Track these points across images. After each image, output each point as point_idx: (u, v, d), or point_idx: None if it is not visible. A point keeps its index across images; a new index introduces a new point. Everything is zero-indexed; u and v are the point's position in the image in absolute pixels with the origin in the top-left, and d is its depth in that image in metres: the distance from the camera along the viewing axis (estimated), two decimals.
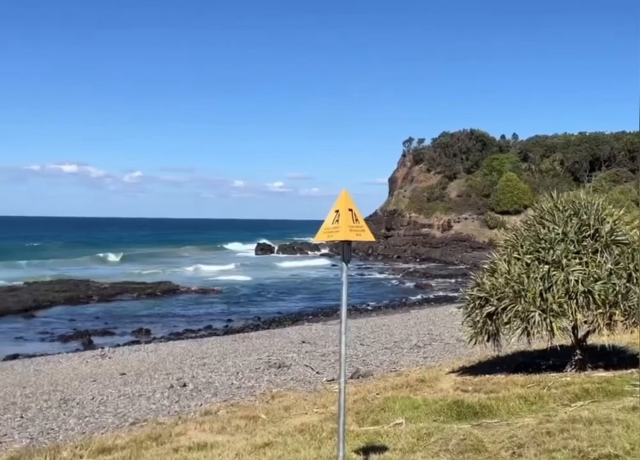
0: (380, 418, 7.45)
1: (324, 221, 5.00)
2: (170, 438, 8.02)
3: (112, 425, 10.56)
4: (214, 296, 38.11)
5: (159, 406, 11.79)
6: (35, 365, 16.99)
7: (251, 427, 8.17)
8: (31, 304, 32.12)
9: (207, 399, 12.11)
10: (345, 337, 5.05)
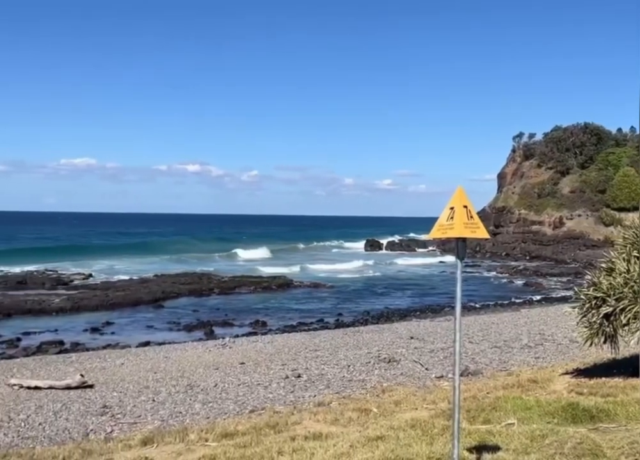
0: (491, 417, 7.30)
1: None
2: (287, 427, 8.18)
3: (233, 412, 10.89)
4: (325, 291, 38.46)
5: (275, 395, 12.05)
6: (164, 352, 17.76)
7: (363, 419, 8.21)
8: (160, 295, 33.62)
9: (320, 390, 12.27)
10: (460, 335, 4.97)
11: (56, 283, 39.02)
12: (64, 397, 12.30)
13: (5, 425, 10.51)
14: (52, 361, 16.97)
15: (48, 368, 15.52)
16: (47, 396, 12.35)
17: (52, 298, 31.55)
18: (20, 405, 11.77)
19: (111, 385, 13.35)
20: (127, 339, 23.13)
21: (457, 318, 4.92)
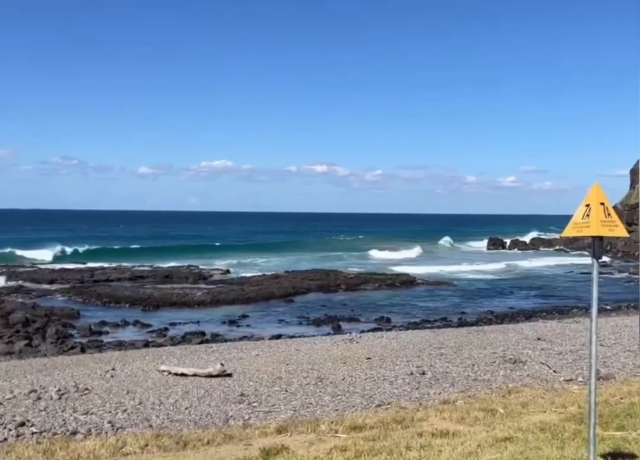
0: (626, 424, 6.94)
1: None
2: (413, 423, 8.17)
3: (360, 405, 10.98)
4: (448, 289, 37.90)
5: (400, 391, 12.02)
6: (295, 345, 18.17)
7: (489, 419, 8.04)
8: (291, 291, 34.47)
9: (445, 388, 12.12)
10: (596, 337, 4.76)
11: (198, 278, 40.95)
12: (206, 384, 12.88)
13: (157, 407, 11.17)
14: (196, 350, 17.81)
15: (192, 356, 16.30)
16: (192, 383, 12.99)
17: (194, 291, 33.14)
18: (169, 390, 12.45)
19: (248, 375, 13.82)
20: (261, 331, 23.92)
21: (593, 320, 4.72)
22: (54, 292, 34.08)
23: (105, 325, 24.66)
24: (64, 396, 11.90)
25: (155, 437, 8.10)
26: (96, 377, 13.72)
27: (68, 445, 7.86)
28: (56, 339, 21.32)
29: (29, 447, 7.85)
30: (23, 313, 25.20)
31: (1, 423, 10.08)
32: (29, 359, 17.74)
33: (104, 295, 31.80)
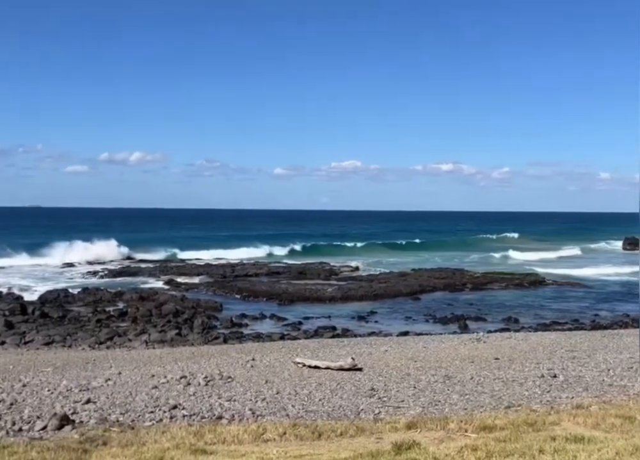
0: None
1: None
2: (544, 426, 7.87)
3: (489, 406, 10.73)
4: (580, 290, 36.05)
5: (530, 393, 11.62)
6: (423, 342, 18.05)
7: (627, 427, 7.61)
8: (417, 289, 34.21)
9: (578, 393, 11.57)
10: None
11: (329, 274, 41.60)
12: (338, 377, 13.10)
13: (293, 397, 11.51)
14: (327, 344, 18.14)
15: (324, 350, 16.62)
16: (325, 376, 13.25)
17: (326, 287, 33.70)
18: (304, 381, 12.79)
19: (377, 370, 13.90)
20: (388, 328, 23.93)
21: None
22: (200, 286, 35.89)
23: (245, 317, 25.66)
24: (210, 383, 12.54)
25: (292, 426, 8.35)
26: (238, 366, 14.34)
27: (215, 429, 8.28)
28: (202, 329, 22.47)
29: (181, 428, 8.36)
30: (174, 305, 26.80)
31: (157, 405, 10.80)
32: (179, 347, 18.84)
33: (244, 289, 33.09)
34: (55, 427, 9.35)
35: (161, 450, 7.05)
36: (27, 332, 21.24)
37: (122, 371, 13.66)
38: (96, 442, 7.90)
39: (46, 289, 31.64)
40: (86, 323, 23.64)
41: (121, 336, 21.13)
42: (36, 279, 37.76)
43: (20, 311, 24.67)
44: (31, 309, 25.10)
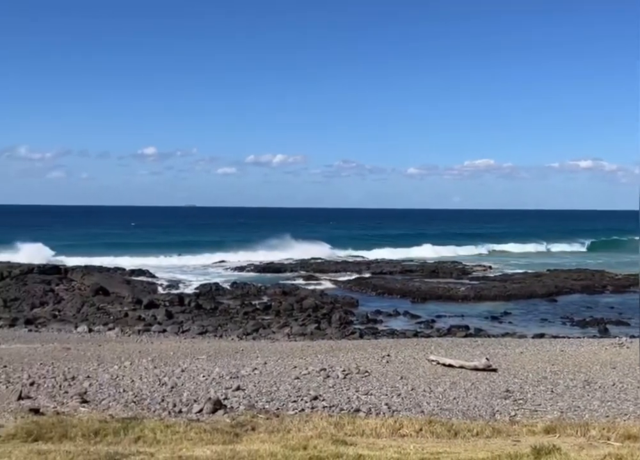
0: None
1: None
2: None
3: (633, 414, 10.06)
4: None
5: None
6: (560, 345, 17.19)
7: None
8: (553, 290, 32.61)
9: None
10: None
11: (461, 273, 40.74)
12: (472, 377, 12.82)
13: (427, 395, 11.43)
14: (461, 343, 17.78)
15: (457, 349, 16.31)
16: (459, 375, 13.03)
17: (458, 286, 33.04)
18: (438, 379, 12.65)
19: (512, 371, 13.45)
20: (523, 329, 23.02)
21: None
22: (338, 282, 36.50)
23: (379, 314, 25.77)
24: (348, 376, 12.74)
25: (428, 423, 8.29)
26: (374, 361, 14.43)
27: (354, 421, 8.41)
28: (339, 324, 22.86)
29: (322, 419, 8.56)
30: (313, 300, 27.48)
31: (299, 395, 11.16)
32: (318, 341, 19.29)
33: (379, 287, 33.24)
34: (209, 410, 9.94)
35: (305, 438, 7.28)
36: (184, 322, 22.69)
37: (267, 362, 14.22)
38: (245, 427, 8.30)
39: (200, 283, 33.62)
40: (235, 315, 24.81)
41: (266, 328, 21.99)
42: (193, 274, 40.15)
43: (178, 302, 26.40)
44: (188, 301, 26.76)
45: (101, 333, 20.45)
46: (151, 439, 6.99)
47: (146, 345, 17.33)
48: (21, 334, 19.49)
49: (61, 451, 6.01)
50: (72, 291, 28.76)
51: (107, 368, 13.23)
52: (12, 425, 7.59)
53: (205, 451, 6.45)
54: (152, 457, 6.05)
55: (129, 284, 31.55)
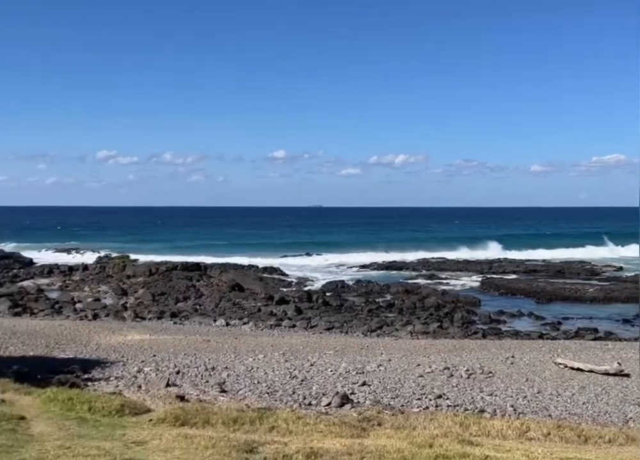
0: None
1: None
2: None
3: None
4: None
5: None
6: None
7: None
8: None
9: None
10: None
11: (589, 274, 38.41)
12: (602, 382, 12.07)
13: (554, 398, 10.90)
14: (589, 346, 16.76)
15: (586, 352, 15.40)
16: (588, 379, 12.31)
17: (586, 287, 31.11)
18: (565, 383, 12.02)
19: None
20: None
21: None
22: (460, 281, 35.67)
23: (502, 314, 24.87)
24: (471, 376, 12.44)
25: (556, 427, 7.92)
26: (498, 362, 13.97)
27: (479, 422, 8.19)
28: (461, 323, 22.32)
29: (447, 418, 8.42)
30: (435, 298, 27.06)
31: (423, 393, 11.05)
32: (440, 339, 18.96)
33: (501, 286, 32.09)
34: (337, 404, 10.10)
35: (431, 436, 7.19)
36: (312, 318, 23.17)
37: (391, 359, 14.19)
38: (372, 422, 8.35)
39: (327, 281, 34.19)
40: (359, 312, 24.97)
41: (389, 326, 21.92)
42: (320, 272, 40.93)
43: (306, 299, 27.02)
44: (315, 298, 27.30)
45: (237, 327, 21.38)
46: (284, 430, 7.21)
47: (277, 339, 17.90)
48: (167, 326, 20.81)
49: (205, 437, 6.36)
50: (210, 287, 30.28)
51: (242, 359, 13.81)
52: (162, 409, 8.13)
53: (335, 444, 6.56)
54: (285, 446, 6.24)
55: (262, 281, 32.71)
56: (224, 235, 77.23)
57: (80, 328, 18.30)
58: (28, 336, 16.10)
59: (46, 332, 17.19)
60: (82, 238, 69.45)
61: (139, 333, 17.88)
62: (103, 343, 15.70)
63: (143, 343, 15.77)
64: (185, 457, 5.61)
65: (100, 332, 17.55)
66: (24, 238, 65.71)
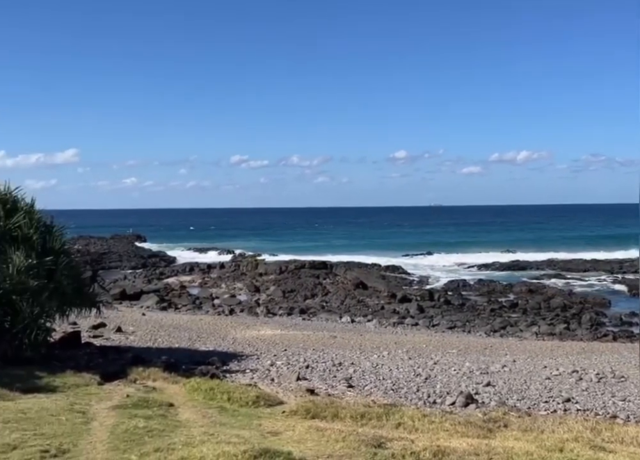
0: None
1: None
2: None
3: None
4: None
5: None
6: None
7: None
8: None
9: None
10: None
11: None
12: None
13: None
14: None
15: None
16: None
17: None
18: None
19: None
20: None
21: None
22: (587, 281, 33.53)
23: (635, 316, 23.03)
24: (602, 380, 11.66)
25: None
26: (631, 367, 12.97)
27: (612, 427, 7.67)
28: (590, 325, 20.97)
29: (577, 422, 7.95)
30: (561, 299, 25.65)
31: (550, 396, 10.51)
32: (567, 341, 17.94)
33: (633, 287, 29.72)
34: (462, 404, 9.87)
35: (560, 440, 6.84)
36: (434, 316, 22.83)
37: (516, 360, 13.65)
38: (498, 423, 8.07)
39: (448, 280, 33.53)
40: (482, 311, 24.23)
41: (513, 326, 21.08)
42: (441, 271, 40.22)
43: (428, 298, 26.66)
44: (437, 296, 26.87)
45: (361, 324, 21.55)
46: (410, 427, 7.18)
47: (400, 337, 17.82)
48: (297, 322, 21.41)
49: (335, 430, 6.49)
50: (336, 284, 30.76)
51: (368, 356, 13.90)
52: (293, 402, 8.40)
53: (461, 443, 6.43)
54: (412, 443, 6.22)
55: (384, 279, 32.72)
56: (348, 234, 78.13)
57: (218, 323, 19.32)
58: (173, 329, 17.23)
59: (188, 325, 18.32)
60: (217, 238, 73.28)
61: (271, 328, 18.56)
62: (238, 337, 16.46)
63: (274, 338, 16.35)
64: (317, 448, 5.75)
65: (236, 327, 18.42)
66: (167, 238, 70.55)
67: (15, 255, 9.68)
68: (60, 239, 11.17)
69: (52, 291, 10.04)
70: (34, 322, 9.59)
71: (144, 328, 17.10)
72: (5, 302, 9.46)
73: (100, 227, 78.17)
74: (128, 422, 6.40)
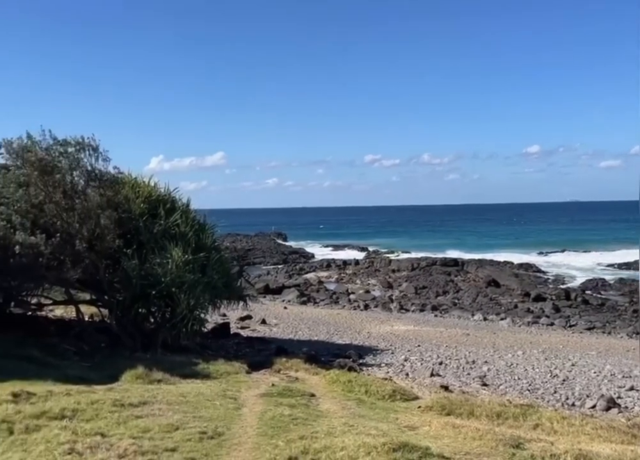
0: None
1: None
2: None
3: None
4: None
5: None
6: None
7: None
8: None
9: None
10: None
11: None
12: None
13: None
14: None
15: None
16: None
17: None
18: None
19: None
20: None
21: None
22: None
23: None
24: None
25: None
26: None
27: None
28: None
29: None
30: None
31: None
32: None
33: None
34: (603, 407, 9.21)
35: None
36: (571, 316, 21.40)
37: None
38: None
39: (586, 279, 31.26)
40: (623, 312, 22.33)
41: None
42: (578, 270, 37.59)
43: (564, 297, 25.05)
44: (574, 296, 25.17)
45: (494, 322, 20.75)
46: (548, 428, 6.82)
47: (535, 336, 16.93)
48: (429, 319, 21.11)
49: (471, 428, 6.33)
50: (467, 282, 29.90)
51: (501, 355, 13.38)
52: (428, 398, 8.31)
53: (604, 448, 6.01)
54: (552, 445, 5.91)
55: (517, 277, 31.24)
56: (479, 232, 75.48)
57: (354, 317, 19.57)
58: (312, 323, 17.73)
59: (326, 319, 18.76)
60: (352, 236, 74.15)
61: (404, 324, 18.47)
62: (373, 331, 16.57)
63: (407, 334, 16.26)
64: (454, 445, 5.66)
65: (371, 322, 18.56)
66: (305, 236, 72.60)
67: (174, 251, 10.41)
68: (211, 237, 11.85)
69: (205, 284, 10.63)
70: (191, 313, 10.28)
71: (286, 320, 17.78)
72: (166, 295, 10.21)
73: (245, 225, 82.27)
74: (274, 410, 6.71)
